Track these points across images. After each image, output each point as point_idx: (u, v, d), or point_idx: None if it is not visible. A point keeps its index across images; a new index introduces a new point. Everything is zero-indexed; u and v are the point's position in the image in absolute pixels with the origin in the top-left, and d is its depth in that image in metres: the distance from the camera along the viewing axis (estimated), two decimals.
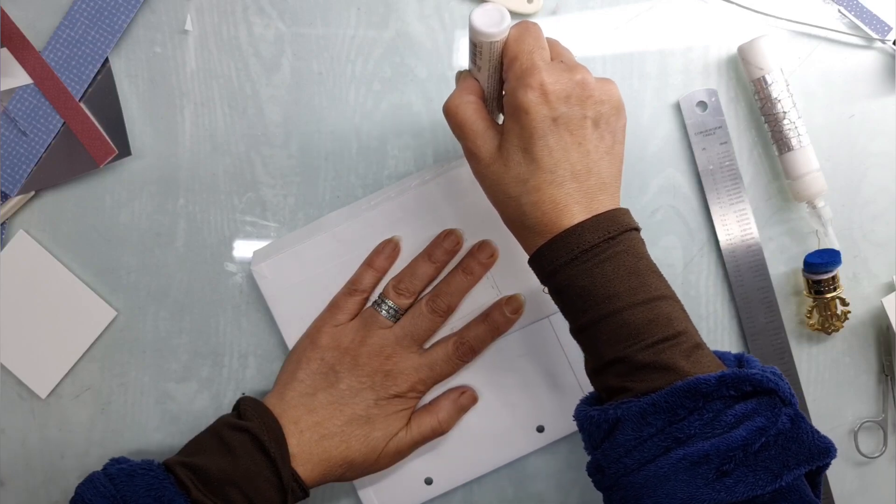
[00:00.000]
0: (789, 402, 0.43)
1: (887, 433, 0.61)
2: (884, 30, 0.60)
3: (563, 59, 0.47)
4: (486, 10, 0.45)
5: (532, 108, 0.44)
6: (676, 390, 0.42)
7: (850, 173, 0.61)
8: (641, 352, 0.43)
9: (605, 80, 0.47)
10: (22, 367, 0.61)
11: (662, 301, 0.45)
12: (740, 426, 0.42)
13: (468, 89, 0.48)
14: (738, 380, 0.42)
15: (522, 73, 0.45)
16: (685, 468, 0.41)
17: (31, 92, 0.59)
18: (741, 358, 0.47)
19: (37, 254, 0.61)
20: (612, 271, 0.44)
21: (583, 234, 0.45)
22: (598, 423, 0.44)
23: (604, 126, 0.47)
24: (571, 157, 0.45)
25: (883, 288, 0.61)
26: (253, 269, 0.59)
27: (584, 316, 0.45)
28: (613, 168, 0.47)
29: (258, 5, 0.60)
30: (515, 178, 0.46)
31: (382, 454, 0.56)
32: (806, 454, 0.42)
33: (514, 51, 0.46)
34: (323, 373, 0.56)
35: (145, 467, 0.51)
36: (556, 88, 0.45)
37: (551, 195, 0.45)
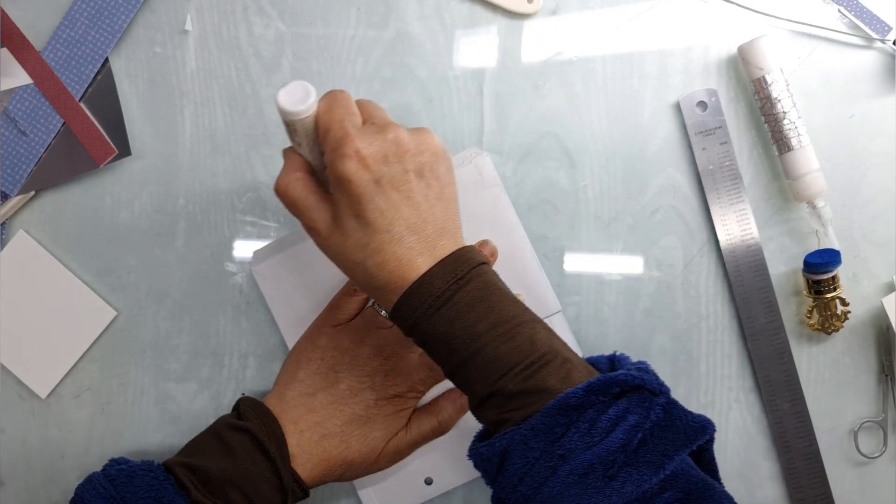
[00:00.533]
0: (659, 392, 0.44)
1: (887, 433, 0.61)
2: (884, 30, 0.60)
3: (375, 121, 0.47)
4: (290, 89, 0.46)
5: (353, 176, 0.45)
6: (549, 410, 0.43)
7: (850, 173, 0.61)
8: (511, 381, 0.44)
9: (419, 131, 0.48)
10: (22, 367, 0.61)
11: (522, 327, 0.45)
12: (616, 429, 0.43)
13: (294, 167, 0.48)
14: (605, 384, 0.44)
15: (337, 144, 0.46)
16: (574, 482, 0.42)
17: (31, 92, 0.59)
18: (613, 358, 0.48)
19: (37, 254, 0.61)
20: (467, 310, 0.45)
21: (431, 282, 0.45)
22: (489, 458, 0.45)
23: (428, 174, 0.47)
24: (403, 213, 0.46)
25: (883, 288, 0.61)
26: (253, 269, 0.59)
27: (451, 360, 0.46)
28: (449, 211, 0.48)
29: (258, 5, 0.60)
30: (355, 244, 0.46)
31: (382, 454, 0.56)
32: (682, 438, 0.43)
33: (325, 123, 0.46)
34: (323, 373, 0.56)
35: (145, 468, 0.51)
36: (372, 151, 0.45)
37: (393, 253, 0.46)
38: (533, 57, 0.61)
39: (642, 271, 0.61)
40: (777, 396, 0.61)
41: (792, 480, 0.61)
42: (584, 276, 0.61)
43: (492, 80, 0.61)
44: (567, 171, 0.61)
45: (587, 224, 0.61)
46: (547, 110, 0.61)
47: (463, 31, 0.61)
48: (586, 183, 0.61)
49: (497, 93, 0.61)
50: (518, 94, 0.61)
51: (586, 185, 0.61)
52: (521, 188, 0.61)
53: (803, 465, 0.61)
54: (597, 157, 0.61)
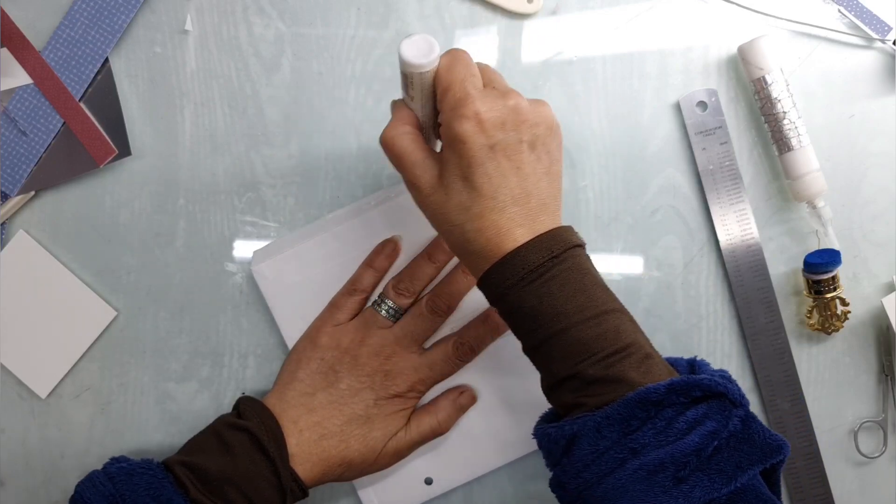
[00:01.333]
0: (739, 403, 0.44)
1: (887, 433, 0.61)
2: (884, 30, 0.60)
3: (496, 85, 0.47)
4: (415, 41, 0.45)
5: (468, 137, 0.45)
6: (628, 402, 0.43)
7: (850, 173, 0.61)
8: (592, 367, 0.44)
9: (537, 102, 0.48)
10: (22, 367, 0.61)
11: (610, 315, 0.45)
12: (692, 432, 0.42)
13: (403, 119, 0.48)
14: (687, 386, 0.43)
15: (456, 104, 0.45)
16: (642, 478, 0.42)
17: (31, 92, 0.59)
18: (693, 363, 0.48)
19: (37, 254, 0.61)
20: (558, 289, 0.45)
21: (527, 256, 0.45)
22: (556, 440, 0.45)
23: (540, 148, 0.47)
24: (510, 182, 0.46)
25: (883, 288, 0.61)
26: (253, 269, 0.59)
27: (534, 336, 0.46)
28: (553, 188, 0.48)
29: (258, 5, 0.60)
30: (457, 206, 0.46)
31: (381, 454, 0.56)
32: (758, 454, 0.43)
33: (446, 81, 0.46)
34: (322, 372, 0.56)
35: (144, 466, 0.51)
36: (491, 116, 0.45)
37: (494, 220, 0.46)
38: (533, 57, 0.61)
39: (642, 271, 0.61)
40: (777, 396, 0.61)
41: (792, 480, 0.61)
42: None
43: None
44: (567, 171, 0.61)
45: (587, 224, 0.61)
46: None
47: (463, 31, 0.61)
48: (586, 183, 0.61)
49: None
50: None
51: (586, 185, 0.61)
52: None
53: (803, 465, 0.61)
54: (597, 157, 0.61)
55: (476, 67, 0.47)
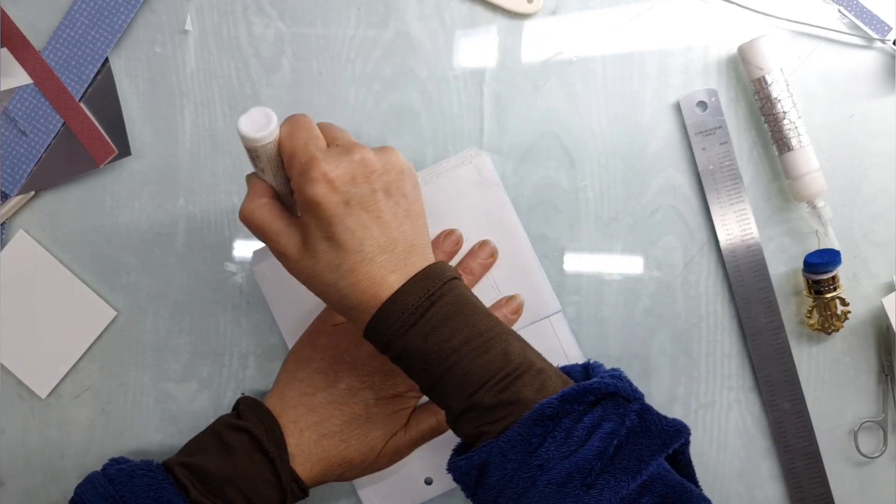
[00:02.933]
0: (633, 398, 0.45)
1: (887, 433, 0.61)
2: (884, 30, 0.60)
3: (339, 143, 0.47)
4: (251, 115, 0.46)
5: (322, 198, 0.45)
6: (525, 421, 0.43)
7: (850, 173, 0.61)
8: (487, 395, 0.45)
9: (383, 150, 0.48)
10: (22, 367, 0.61)
11: (496, 339, 0.46)
12: (592, 436, 0.43)
13: (258, 192, 0.48)
14: (579, 393, 0.44)
15: (303, 168, 0.46)
16: (553, 492, 0.42)
17: (31, 92, 0.59)
18: (587, 367, 0.49)
19: (37, 254, 0.61)
20: (441, 325, 0.45)
21: (404, 299, 0.46)
22: (467, 471, 0.45)
23: (395, 193, 0.48)
24: (374, 233, 0.46)
25: (883, 288, 0.61)
26: (253, 270, 0.59)
27: (427, 377, 0.46)
28: (417, 228, 0.48)
29: (258, 5, 0.60)
30: (327, 266, 0.46)
31: (381, 454, 0.56)
32: (658, 443, 0.43)
33: (289, 148, 0.46)
34: (322, 372, 0.56)
35: (144, 468, 0.51)
36: (339, 173, 0.45)
37: (366, 272, 0.46)
38: (533, 57, 0.61)
39: (642, 271, 0.61)
40: (777, 396, 0.61)
41: (792, 480, 0.61)
42: (584, 276, 0.61)
43: (492, 80, 0.61)
44: (567, 171, 0.61)
45: (587, 224, 0.61)
46: (547, 110, 0.61)
47: (463, 31, 0.61)
48: (586, 183, 0.61)
49: (497, 93, 0.61)
50: (518, 94, 0.61)
51: (586, 185, 0.61)
52: (521, 188, 0.61)
53: (803, 465, 0.61)
54: (597, 157, 0.61)
55: (317, 129, 0.48)
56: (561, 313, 0.60)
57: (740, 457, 0.62)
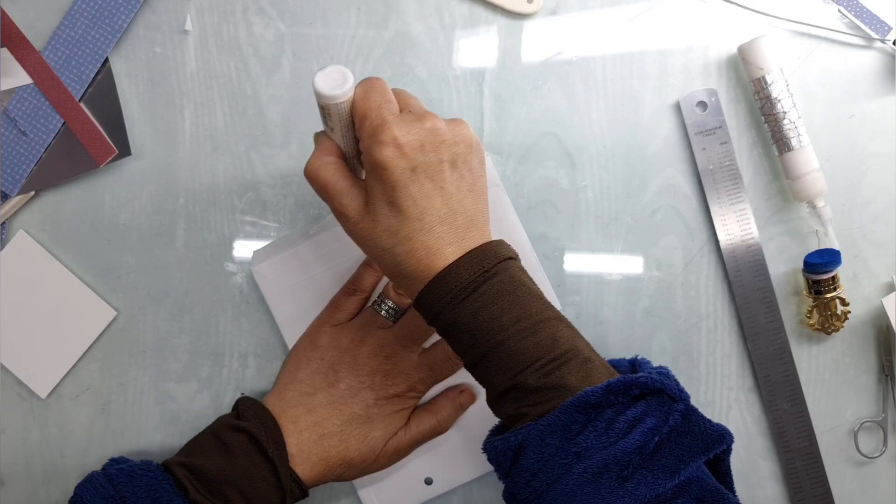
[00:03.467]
0: (679, 398, 0.44)
1: (887, 433, 0.61)
2: (884, 30, 0.60)
3: (412, 109, 0.48)
4: (328, 72, 0.46)
5: (389, 162, 0.45)
6: (567, 407, 0.43)
7: (850, 173, 0.61)
8: (531, 377, 0.44)
9: (455, 122, 0.48)
10: (22, 367, 0.61)
11: (546, 323, 0.46)
12: (634, 430, 0.43)
13: (326, 150, 0.49)
14: (625, 385, 0.44)
15: (374, 131, 0.46)
16: (588, 481, 0.42)
17: (31, 92, 0.59)
18: (634, 362, 0.49)
19: (37, 254, 0.61)
20: (491, 303, 0.45)
21: (458, 273, 0.46)
22: (503, 452, 0.45)
23: (461, 166, 0.48)
24: (435, 203, 0.46)
25: (883, 288, 0.61)
26: (253, 269, 0.59)
27: (472, 352, 0.46)
28: (479, 204, 0.48)
29: (258, 5, 0.60)
30: (385, 230, 0.47)
31: (381, 454, 0.56)
32: (700, 445, 0.43)
33: (362, 109, 0.47)
34: (322, 372, 0.56)
35: (144, 468, 0.51)
36: (409, 139, 0.46)
37: (423, 241, 0.46)
38: (533, 57, 0.61)
39: (642, 271, 0.61)
40: (777, 396, 0.61)
41: (792, 480, 0.61)
42: (584, 276, 0.61)
43: (492, 80, 0.61)
44: (567, 171, 0.61)
45: (587, 224, 0.61)
46: (547, 110, 0.61)
47: (463, 30, 0.61)
48: (586, 183, 0.61)
49: (497, 93, 0.61)
50: (518, 93, 0.61)
51: (586, 185, 0.61)
52: (521, 188, 0.61)
53: (803, 465, 0.61)
54: (597, 157, 0.61)
55: (391, 94, 0.48)
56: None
57: (740, 457, 0.62)
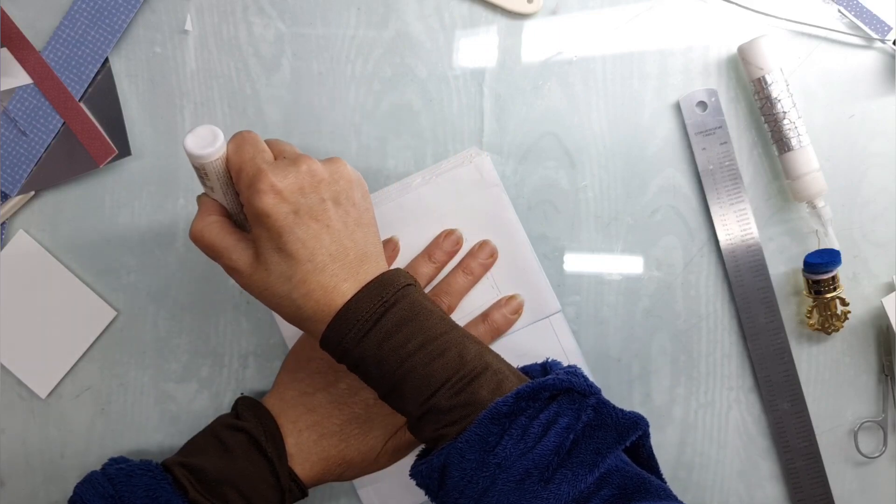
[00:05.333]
0: (589, 392, 0.45)
1: (887, 433, 0.61)
2: (884, 30, 0.60)
3: (286, 155, 0.48)
4: (197, 133, 0.46)
5: (271, 209, 0.45)
6: (482, 420, 0.44)
7: (850, 173, 0.61)
8: (443, 397, 0.45)
9: (332, 161, 0.48)
10: (22, 367, 0.61)
11: (451, 343, 0.46)
12: (549, 432, 0.43)
13: (207, 210, 0.49)
14: (534, 390, 0.44)
15: (251, 181, 0.46)
16: (512, 490, 0.43)
17: (31, 92, 0.59)
18: (545, 365, 0.49)
19: (37, 254, 0.61)
20: (395, 332, 0.46)
21: (358, 307, 0.46)
22: (429, 474, 0.46)
23: (345, 202, 0.48)
24: (324, 242, 0.46)
25: (883, 288, 0.61)
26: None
27: (384, 383, 0.47)
28: (369, 236, 0.49)
29: (258, 5, 0.60)
30: (279, 277, 0.46)
31: (381, 453, 0.56)
32: (614, 435, 0.44)
33: (236, 163, 0.47)
34: (322, 372, 0.56)
35: (143, 467, 0.51)
36: (287, 184, 0.46)
37: (318, 282, 0.46)
38: (533, 57, 0.61)
39: (642, 271, 0.61)
40: (777, 396, 0.61)
41: (792, 480, 0.61)
42: (584, 276, 0.61)
43: (492, 80, 0.61)
44: (567, 171, 0.61)
45: (587, 224, 0.61)
46: (547, 110, 0.61)
47: (463, 30, 0.61)
48: (586, 183, 0.61)
49: (497, 93, 0.61)
50: (518, 93, 0.61)
51: (586, 185, 0.61)
52: (521, 188, 0.61)
53: (803, 465, 0.61)
54: (597, 157, 0.61)
55: (263, 143, 0.48)
56: (561, 313, 0.60)
57: (740, 457, 0.62)
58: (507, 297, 0.58)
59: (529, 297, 0.59)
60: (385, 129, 0.61)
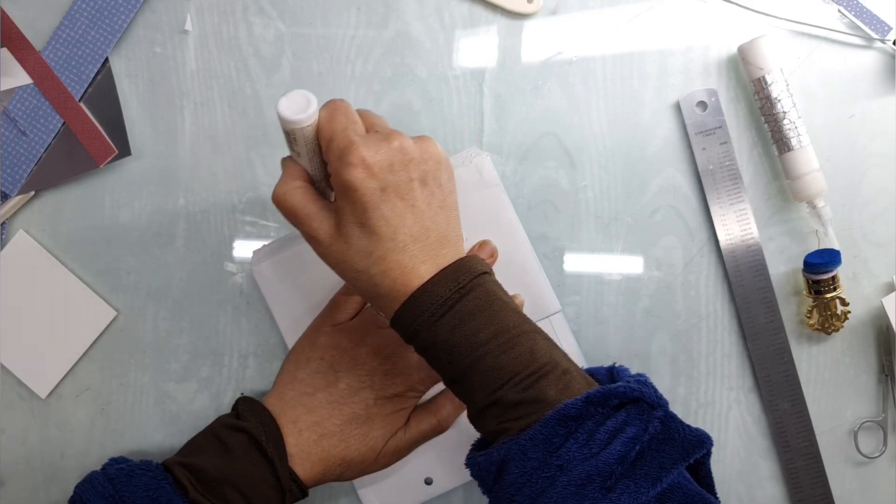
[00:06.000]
0: (657, 405, 0.44)
1: (887, 433, 0.61)
2: (884, 30, 0.60)
3: (378, 129, 0.48)
4: (292, 97, 0.45)
5: (359, 184, 0.45)
6: (548, 420, 0.43)
7: (850, 173, 0.61)
8: (511, 391, 0.45)
9: (422, 139, 0.48)
10: (22, 367, 0.61)
11: (523, 337, 0.46)
12: (615, 440, 0.43)
13: (293, 175, 0.48)
14: (604, 396, 0.44)
15: (341, 153, 0.46)
16: (572, 494, 0.42)
17: (31, 92, 0.59)
18: (612, 370, 0.49)
19: (37, 254, 0.61)
20: (468, 319, 0.45)
21: (434, 290, 0.46)
22: (486, 468, 0.45)
23: (431, 183, 0.48)
24: (407, 221, 0.46)
25: (883, 288, 0.61)
26: (253, 269, 0.59)
27: (452, 369, 0.46)
28: (451, 220, 0.48)
29: (258, 5, 0.60)
30: (359, 252, 0.46)
31: (381, 453, 0.56)
32: (680, 451, 0.43)
33: (327, 132, 0.47)
34: (322, 372, 0.56)
35: (144, 467, 0.51)
36: (378, 160, 0.45)
37: (397, 261, 0.46)
38: (533, 57, 0.61)
39: (642, 271, 0.61)
40: (777, 396, 0.61)
41: (792, 480, 0.61)
42: (584, 276, 0.61)
43: (492, 80, 0.61)
44: (567, 171, 0.61)
45: (587, 224, 0.61)
46: (547, 110, 0.61)
47: (463, 31, 0.61)
48: (586, 183, 0.61)
49: (497, 93, 0.61)
50: (518, 93, 0.61)
51: (586, 185, 0.61)
52: (521, 188, 0.61)
53: (803, 465, 0.61)
54: (597, 157, 0.61)
55: (356, 115, 0.48)
56: (561, 313, 0.60)
57: (740, 457, 0.62)
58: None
59: (529, 297, 0.59)
60: None
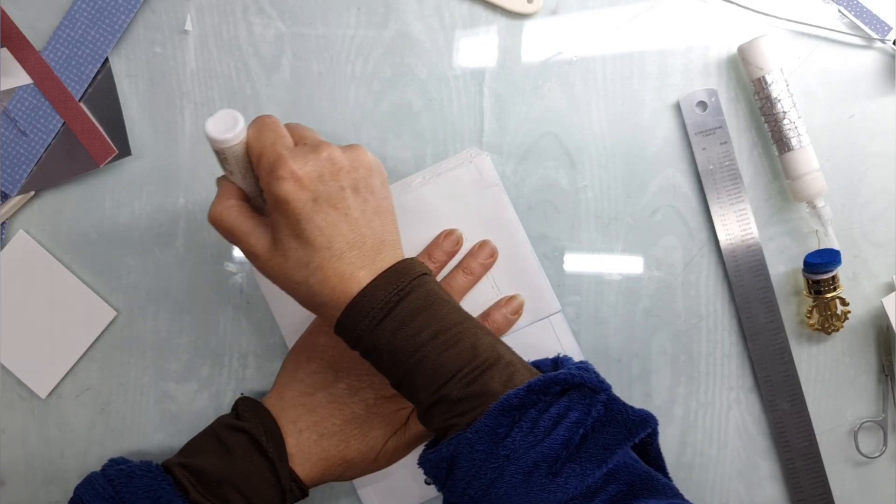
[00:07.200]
0: (600, 389, 0.45)
1: (887, 433, 0.61)
2: (884, 30, 0.60)
3: (307, 141, 0.48)
4: (218, 117, 0.46)
5: (290, 196, 0.45)
6: (492, 412, 0.44)
7: (850, 173, 0.61)
8: (455, 387, 0.45)
9: (352, 148, 0.48)
10: (22, 367, 0.61)
11: (465, 333, 0.46)
12: (558, 426, 0.44)
13: (227, 194, 0.49)
14: (545, 384, 0.45)
15: (271, 167, 0.46)
16: (520, 482, 0.43)
17: (31, 92, 0.59)
18: (557, 360, 0.49)
19: (37, 254, 0.61)
20: (409, 321, 0.46)
21: (373, 295, 0.46)
22: (437, 464, 0.46)
23: (364, 190, 0.48)
24: (342, 229, 0.47)
25: (883, 288, 0.61)
26: (253, 270, 0.59)
27: (396, 371, 0.47)
28: (387, 224, 0.49)
29: (258, 5, 0.60)
30: (296, 263, 0.47)
31: (381, 453, 0.56)
32: (623, 432, 0.44)
33: (256, 148, 0.47)
34: (322, 372, 0.56)
35: (144, 468, 0.51)
36: (307, 171, 0.46)
37: (335, 269, 0.46)
38: (533, 57, 0.61)
39: (642, 271, 0.61)
40: (777, 396, 0.61)
41: (792, 480, 0.61)
42: (584, 276, 0.61)
43: (492, 80, 0.61)
44: (567, 171, 0.61)
45: (587, 224, 0.61)
46: (547, 110, 0.61)
47: (463, 30, 0.61)
48: (586, 183, 0.61)
49: (497, 93, 0.61)
50: (518, 93, 0.61)
51: (586, 185, 0.61)
52: (521, 188, 0.61)
53: (803, 465, 0.61)
54: (597, 157, 0.61)
55: (284, 129, 0.48)
56: (561, 313, 0.60)
57: (740, 457, 0.62)
58: (508, 297, 0.58)
59: (529, 297, 0.59)
60: (385, 129, 0.61)
